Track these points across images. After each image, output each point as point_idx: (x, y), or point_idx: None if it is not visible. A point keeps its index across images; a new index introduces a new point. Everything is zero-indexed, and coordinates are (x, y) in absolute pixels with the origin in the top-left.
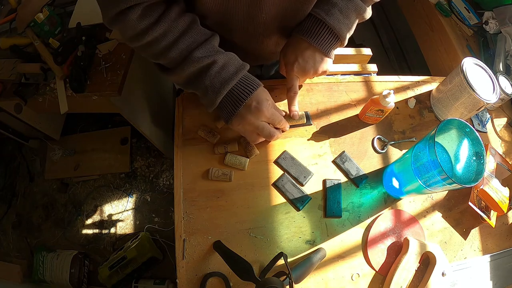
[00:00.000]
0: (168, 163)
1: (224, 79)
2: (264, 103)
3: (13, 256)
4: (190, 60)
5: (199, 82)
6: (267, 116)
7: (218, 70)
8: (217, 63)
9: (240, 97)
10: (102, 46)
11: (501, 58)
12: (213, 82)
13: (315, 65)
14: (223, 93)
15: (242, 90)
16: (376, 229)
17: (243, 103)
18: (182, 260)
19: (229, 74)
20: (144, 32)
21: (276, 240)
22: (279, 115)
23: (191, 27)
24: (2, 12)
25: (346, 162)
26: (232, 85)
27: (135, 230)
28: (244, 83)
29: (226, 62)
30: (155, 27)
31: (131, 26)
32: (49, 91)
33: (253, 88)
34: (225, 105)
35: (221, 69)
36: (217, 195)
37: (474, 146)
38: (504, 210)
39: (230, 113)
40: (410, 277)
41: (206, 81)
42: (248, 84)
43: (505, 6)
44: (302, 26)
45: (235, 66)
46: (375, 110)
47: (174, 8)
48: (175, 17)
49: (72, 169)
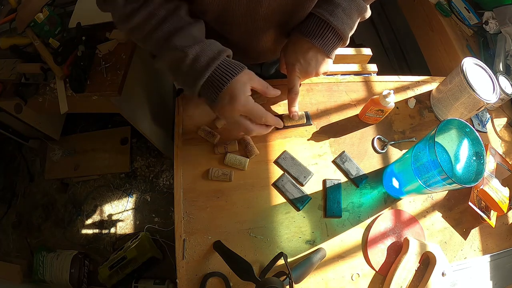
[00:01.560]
0: (168, 163)
1: (195, 75)
2: (240, 97)
3: (13, 256)
4: (166, 48)
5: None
6: (244, 111)
7: (190, 64)
8: (188, 56)
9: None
10: (102, 46)
11: (501, 58)
12: (187, 76)
13: (317, 66)
14: (197, 88)
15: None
16: (376, 229)
17: (218, 95)
18: (182, 260)
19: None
20: (129, 16)
21: (276, 240)
22: (259, 110)
23: (173, 13)
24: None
25: (346, 162)
26: (205, 78)
27: (135, 230)
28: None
29: (198, 54)
30: (139, 12)
31: (117, 9)
32: (49, 91)
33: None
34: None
35: (193, 62)
36: (217, 195)
37: (474, 146)
38: (504, 210)
39: (210, 105)
40: (410, 277)
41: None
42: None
43: (505, 6)
44: (305, 26)
45: (208, 57)
46: (375, 110)
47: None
48: (159, 2)
49: (72, 169)
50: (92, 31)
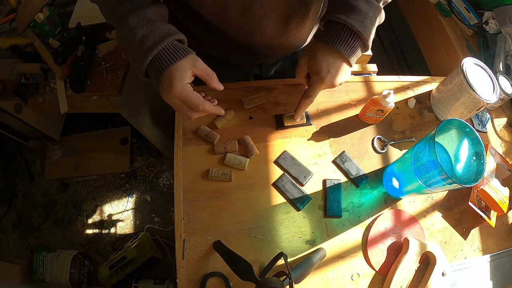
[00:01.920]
0: (168, 163)
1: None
2: (177, 84)
3: (13, 256)
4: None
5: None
6: (181, 99)
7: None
8: (136, 37)
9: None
10: (102, 46)
11: (501, 58)
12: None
13: (343, 77)
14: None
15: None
16: (376, 229)
17: (159, 80)
18: (182, 260)
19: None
20: None
21: (276, 240)
22: (195, 99)
23: None
24: (2, 12)
25: (346, 162)
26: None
27: (135, 230)
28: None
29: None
30: None
31: None
32: (49, 91)
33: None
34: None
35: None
36: (217, 195)
37: (474, 146)
38: (504, 210)
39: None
40: (410, 277)
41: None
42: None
43: (505, 6)
44: (336, 36)
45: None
46: (375, 110)
47: None
48: None
49: (72, 169)
50: (92, 31)
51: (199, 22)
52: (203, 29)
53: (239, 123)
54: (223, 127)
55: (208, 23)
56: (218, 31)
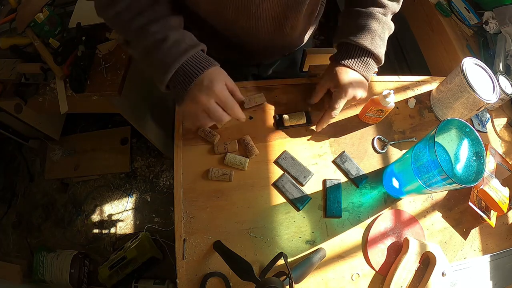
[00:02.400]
0: (168, 163)
1: (175, 55)
2: (218, 83)
3: (13, 256)
4: (144, 34)
5: (152, 58)
6: (220, 97)
7: (169, 46)
8: (169, 39)
9: (191, 74)
10: (102, 46)
11: (501, 58)
12: (164, 57)
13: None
14: (173, 70)
15: (194, 67)
16: (376, 229)
17: (194, 80)
18: (182, 260)
19: (181, 50)
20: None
21: (276, 240)
22: (232, 100)
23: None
24: (2, 12)
25: (346, 162)
26: (183, 62)
27: (135, 230)
28: (197, 60)
29: (179, 38)
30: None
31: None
32: (49, 91)
33: (206, 65)
34: (176, 83)
35: (173, 45)
36: (217, 195)
37: (474, 146)
38: (504, 210)
39: (181, 91)
40: (410, 277)
41: (158, 55)
42: (201, 61)
43: (505, 6)
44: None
45: (188, 43)
46: (375, 110)
47: None
48: None
49: (72, 169)
50: (92, 31)
51: (196, 22)
52: (200, 29)
53: (239, 123)
54: (223, 127)
55: (205, 23)
56: (215, 31)
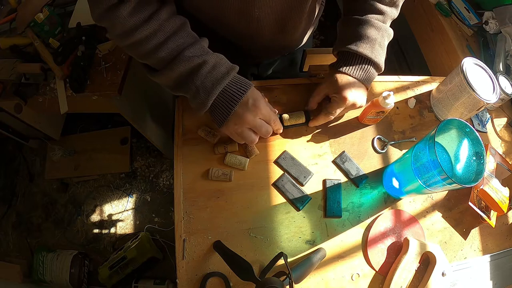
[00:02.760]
0: (168, 163)
1: (215, 79)
2: (261, 100)
3: (13, 256)
4: (179, 60)
5: (189, 83)
6: (264, 113)
7: (209, 70)
8: (207, 63)
9: (234, 95)
10: (102, 46)
11: (501, 58)
12: (204, 82)
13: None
14: (216, 93)
15: (236, 89)
16: (376, 229)
17: (239, 101)
18: (182, 260)
19: (221, 74)
20: (133, 29)
21: (276, 240)
22: (274, 113)
23: (182, 28)
24: (2, 12)
25: (346, 162)
26: (225, 85)
27: (135, 230)
28: (237, 82)
29: (217, 62)
30: (146, 25)
31: (120, 22)
32: (49, 91)
33: (246, 87)
34: (218, 106)
35: (212, 69)
36: (217, 195)
37: (474, 146)
38: (504, 210)
39: (225, 113)
40: (410, 277)
41: (196, 81)
42: (241, 83)
43: (505, 6)
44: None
45: (226, 66)
46: (375, 113)
47: (165, 8)
48: (166, 17)
49: (72, 169)
50: (92, 31)
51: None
52: (200, 33)
53: None
54: None
55: (205, 26)
56: (215, 33)
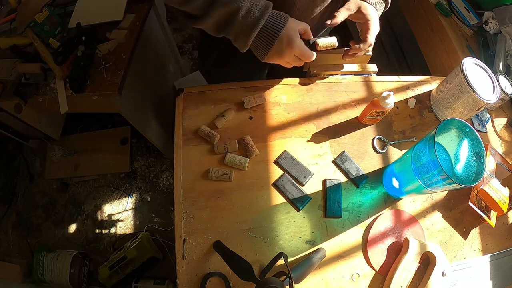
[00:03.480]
0: (168, 163)
1: (251, 23)
2: (295, 39)
3: (13, 256)
4: (215, 6)
5: (228, 29)
6: (298, 52)
7: (244, 15)
8: (242, 8)
9: (272, 34)
10: (102, 46)
11: (501, 58)
12: (242, 27)
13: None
14: (253, 36)
15: (272, 28)
16: (376, 229)
17: (274, 41)
18: (182, 260)
19: (256, 17)
20: None
21: (276, 240)
22: (308, 51)
23: None
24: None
25: (346, 162)
26: (260, 27)
27: (135, 230)
28: (272, 21)
29: (251, 5)
30: None
31: None
32: (49, 91)
33: (282, 24)
34: (258, 45)
35: (247, 14)
36: (217, 195)
37: (474, 146)
38: (504, 210)
39: (264, 50)
40: (410, 277)
41: (234, 27)
42: (276, 21)
43: (505, 6)
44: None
45: (260, 8)
46: (375, 113)
47: None
48: None
49: (72, 169)
50: (92, 31)
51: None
52: None
53: (239, 123)
54: (223, 127)
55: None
56: None
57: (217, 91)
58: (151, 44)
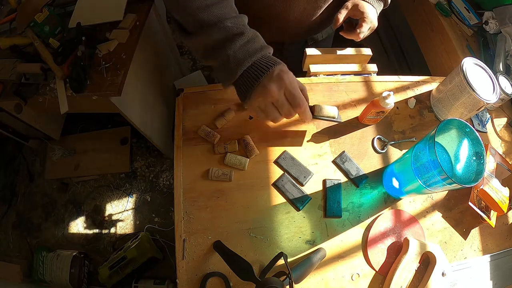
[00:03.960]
0: (168, 163)
1: (248, 52)
2: (289, 74)
3: (13, 256)
4: (219, 27)
5: (221, 51)
6: (289, 89)
7: (244, 43)
8: (244, 36)
9: (263, 68)
10: (102, 46)
11: (501, 58)
12: (236, 53)
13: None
14: (246, 65)
15: (265, 63)
16: (376, 229)
17: (266, 72)
18: (182, 260)
19: (254, 49)
20: None
21: (276, 240)
22: (301, 95)
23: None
24: (2, 12)
25: (346, 162)
26: (257, 58)
27: (135, 230)
28: (267, 58)
29: (254, 37)
30: None
31: None
32: (49, 91)
33: (277, 62)
34: (245, 78)
35: (247, 43)
36: (217, 195)
37: (474, 146)
38: (504, 210)
39: (250, 85)
40: (410, 277)
41: (229, 51)
42: (272, 59)
43: (505, 6)
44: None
45: (261, 43)
46: (375, 113)
47: None
48: None
49: (72, 169)
50: (92, 31)
51: None
52: None
53: (239, 123)
54: (223, 127)
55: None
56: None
57: (217, 91)
58: (151, 44)
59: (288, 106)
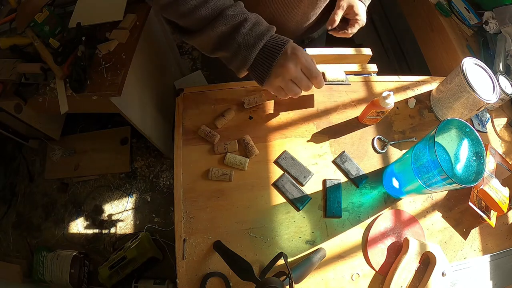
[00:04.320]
0: (168, 163)
1: (257, 35)
2: (300, 49)
3: (13, 256)
4: (222, 18)
5: (230, 41)
6: (305, 64)
7: (250, 28)
8: (248, 21)
9: (275, 49)
10: (102, 46)
11: (501, 58)
12: (246, 39)
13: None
14: (258, 49)
15: (276, 43)
16: (376, 229)
17: (280, 53)
18: (182, 260)
19: (261, 31)
20: None
21: (276, 240)
22: (316, 68)
23: None
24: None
25: (346, 162)
26: (266, 40)
27: (135, 230)
28: (275, 38)
29: (257, 21)
30: None
31: None
32: (49, 91)
33: (285, 41)
34: (260, 61)
35: (253, 27)
36: (217, 195)
37: (474, 146)
38: (504, 210)
39: (266, 67)
40: (410, 277)
41: (238, 39)
42: (280, 39)
43: (505, 6)
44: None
45: (265, 25)
46: (375, 113)
47: None
48: None
49: (72, 169)
50: (92, 31)
51: None
52: None
53: (239, 123)
54: (223, 127)
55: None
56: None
57: (217, 91)
58: (151, 44)
59: (306, 79)
